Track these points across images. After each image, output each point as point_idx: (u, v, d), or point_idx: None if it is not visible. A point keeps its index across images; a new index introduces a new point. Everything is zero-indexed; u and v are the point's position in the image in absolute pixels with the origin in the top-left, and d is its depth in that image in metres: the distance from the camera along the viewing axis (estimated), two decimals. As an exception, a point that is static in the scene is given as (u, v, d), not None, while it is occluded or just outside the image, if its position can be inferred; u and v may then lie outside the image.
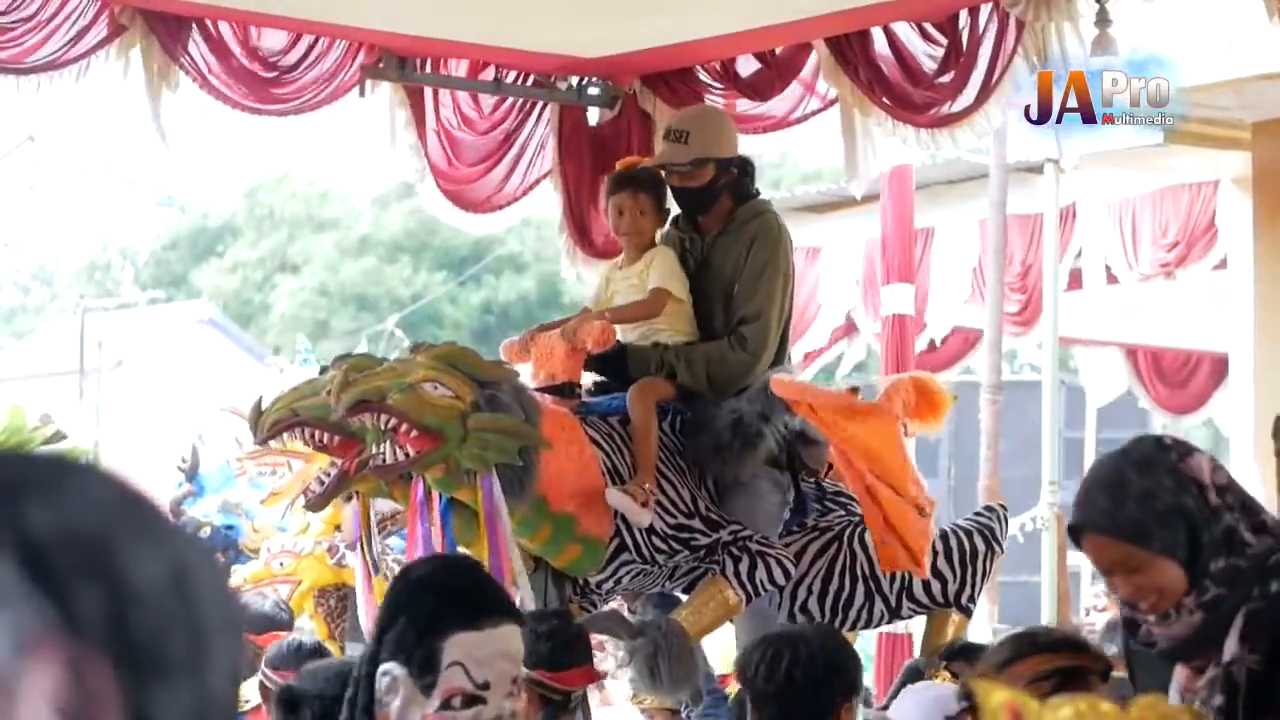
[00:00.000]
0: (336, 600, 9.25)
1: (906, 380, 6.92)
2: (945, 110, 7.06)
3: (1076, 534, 3.48)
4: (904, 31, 7.13)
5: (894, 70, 7.15)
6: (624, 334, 6.52)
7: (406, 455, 5.73)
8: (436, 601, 3.03)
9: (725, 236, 6.54)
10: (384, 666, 3.01)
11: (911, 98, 7.12)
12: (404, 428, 5.69)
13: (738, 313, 6.46)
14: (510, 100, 8.00)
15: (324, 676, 5.30)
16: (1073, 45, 6.59)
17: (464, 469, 5.77)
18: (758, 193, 6.68)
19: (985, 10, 6.84)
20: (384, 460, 5.74)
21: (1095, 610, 9.57)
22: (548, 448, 5.91)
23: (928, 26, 7.04)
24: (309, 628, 9.17)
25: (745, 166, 6.66)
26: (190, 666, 1.27)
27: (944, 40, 7.00)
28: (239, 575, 9.36)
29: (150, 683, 1.24)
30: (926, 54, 7.10)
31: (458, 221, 8.17)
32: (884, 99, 7.16)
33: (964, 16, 6.91)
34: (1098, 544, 3.43)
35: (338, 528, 9.22)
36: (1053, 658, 3.98)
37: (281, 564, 9.21)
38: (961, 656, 5.67)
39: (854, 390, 6.42)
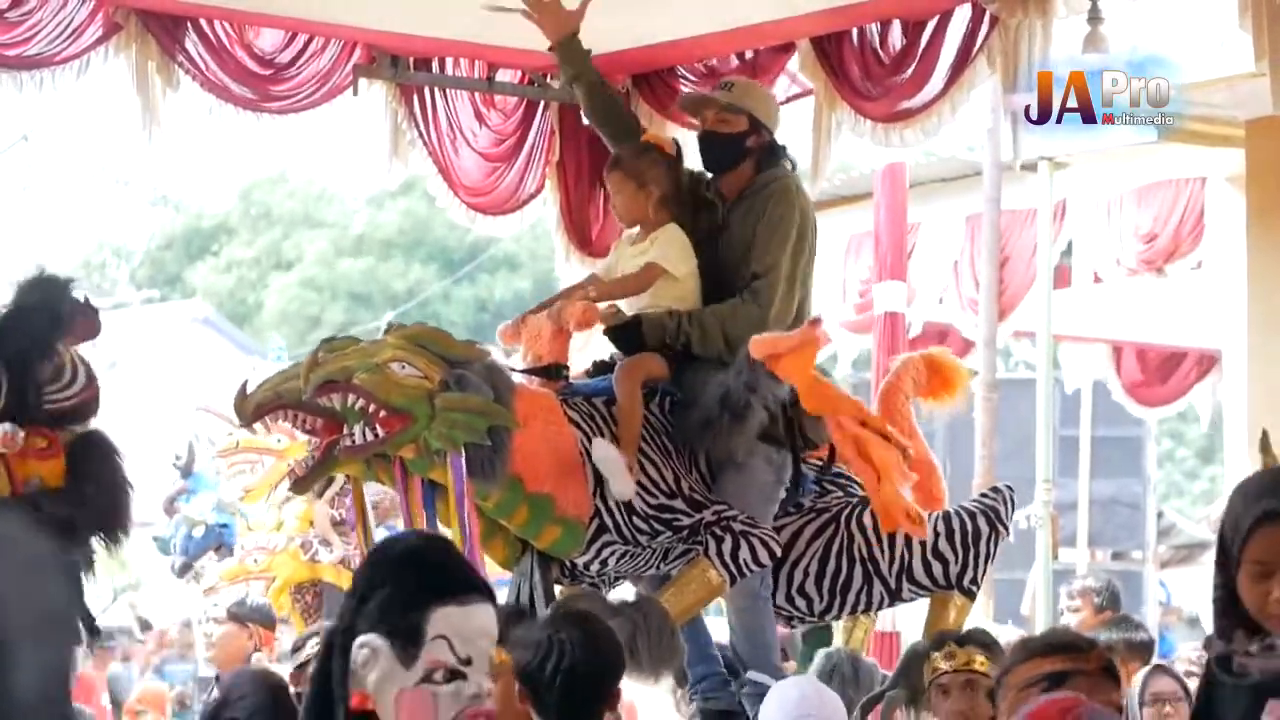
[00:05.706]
0: (313, 596, 9.28)
1: (917, 358, 6.82)
2: (903, 106, 7.01)
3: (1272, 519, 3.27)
4: (878, 30, 7.11)
5: (861, 67, 7.13)
6: (630, 311, 6.44)
7: (376, 436, 5.72)
8: (421, 575, 3.04)
9: (743, 202, 6.50)
10: (363, 638, 3.01)
11: (873, 94, 7.10)
12: (373, 408, 5.69)
13: (750, 268, 6.40)
14: (508, 99, 7.99)
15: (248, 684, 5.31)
16: (1040, 48, 6.56)
17: (433, 449, 5.74)
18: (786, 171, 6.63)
19: (963, 10, 6.82)
20: (353, 442, 5.73)
21: (1070, 611, 9.59)
22: (518, 427, 5.86)
23: (897, 25, 7.02)
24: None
25: (777, 144, 6.64)
26: None
27: (917, 38, 6.98)
28: (215, 573, 9.40)
29: None
30: (896, 51, 7.07)
31: (468, 222, 8.13)
32: (851, 95, 7.14)
33: (941, 16, 6.89)
34: None
35: (311, 524, 9.27)
36: (1040, 662, 4.03)
37: (256, 560, 9.22)
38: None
39: (816, 321, 6.33)
